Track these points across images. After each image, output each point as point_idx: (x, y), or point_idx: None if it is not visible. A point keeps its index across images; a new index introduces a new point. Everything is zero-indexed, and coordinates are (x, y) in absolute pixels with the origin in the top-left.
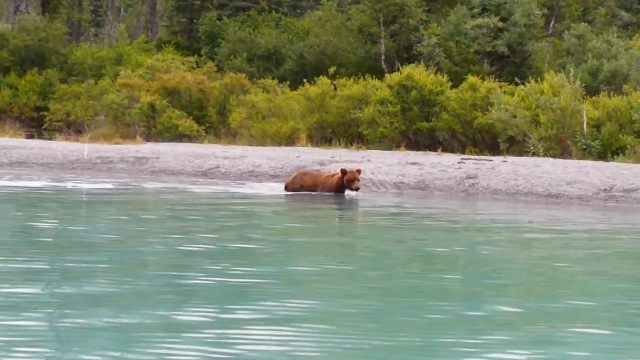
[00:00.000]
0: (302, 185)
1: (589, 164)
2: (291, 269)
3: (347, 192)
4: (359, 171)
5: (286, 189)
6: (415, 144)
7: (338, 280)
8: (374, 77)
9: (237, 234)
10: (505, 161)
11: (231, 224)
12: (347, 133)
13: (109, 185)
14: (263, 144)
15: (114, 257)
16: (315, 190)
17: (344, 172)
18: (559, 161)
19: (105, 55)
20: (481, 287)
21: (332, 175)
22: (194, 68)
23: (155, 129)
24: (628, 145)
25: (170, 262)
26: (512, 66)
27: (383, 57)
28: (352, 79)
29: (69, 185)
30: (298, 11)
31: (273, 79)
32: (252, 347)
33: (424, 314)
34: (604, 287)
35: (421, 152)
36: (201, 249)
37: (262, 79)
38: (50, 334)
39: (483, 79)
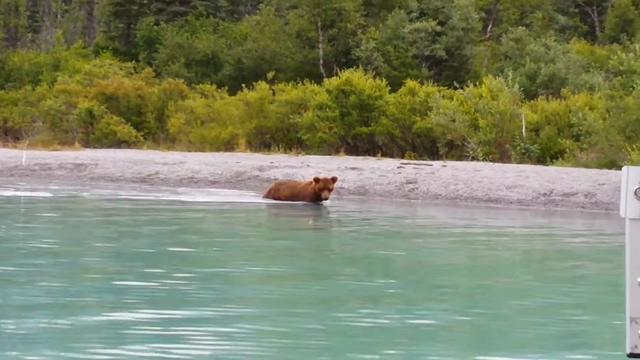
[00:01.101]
0: (277, 197)
1: (529, 168)
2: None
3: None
4: (334, 179)
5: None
6: (354, 149)
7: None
8: (313, 81)
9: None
10: (445, 166)
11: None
12: (286, 138)
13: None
14: (202, 150)
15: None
16: (295, 201)
17: (316, 180)
18: (499, 165)
19: (42, 61)
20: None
21: (310, 184)
22: (132, 74)
23: (93, 135)
24: (567, 149)
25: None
26: (451, 70)
27: (321, 61)
28: (290, 84)
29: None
30: (236, 16)
31: (211, 84)
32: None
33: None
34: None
35: (360, 157)
36: None
37: (200, 84)
38: None
39: (422, 83)
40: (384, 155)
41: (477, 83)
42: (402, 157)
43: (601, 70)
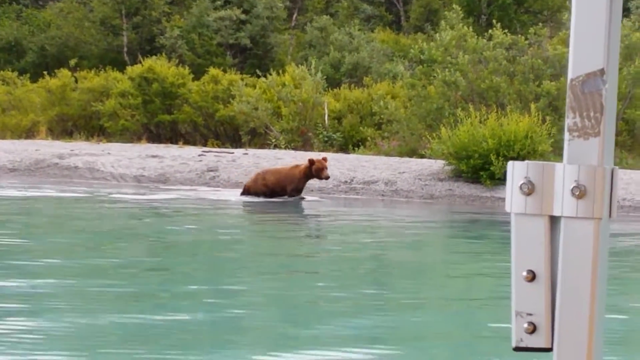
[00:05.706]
0: (265, 184)
1: (330, 156)
2: None
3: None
4: (325, 159)
5: (247, 192)
6: (157, 137)
7: None
8: (117, 69)
9: None
10: (246, 154)
11: None
12: (89, 126)
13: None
14: (3, 138)
15: None
16: (281, 187)
17: (311, 161)
18: (301, 153)
19: None
20: None
21: (296, 167)
22: None
23: None
24: (369, 137)
25: None
26: (255, 58)
27: (125, 49)
28: (93, 71)
29: None
30: (40, 3)
31: (13, 71)
32: None
33: None
34: None
35: (162, 145)
36: None
37: (2, 72)
38: None
39: (225, 71)
40: (187, 143)
41: (280, 71)
42: (205, 145)
43: (405, 60)
